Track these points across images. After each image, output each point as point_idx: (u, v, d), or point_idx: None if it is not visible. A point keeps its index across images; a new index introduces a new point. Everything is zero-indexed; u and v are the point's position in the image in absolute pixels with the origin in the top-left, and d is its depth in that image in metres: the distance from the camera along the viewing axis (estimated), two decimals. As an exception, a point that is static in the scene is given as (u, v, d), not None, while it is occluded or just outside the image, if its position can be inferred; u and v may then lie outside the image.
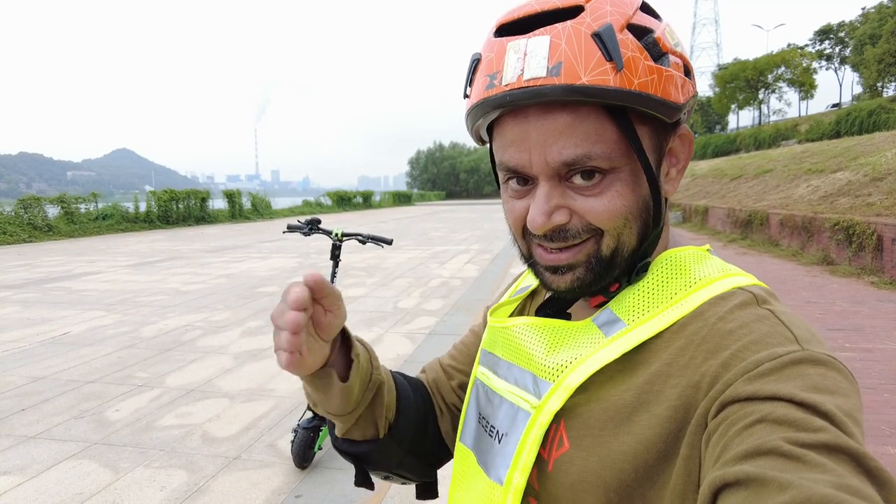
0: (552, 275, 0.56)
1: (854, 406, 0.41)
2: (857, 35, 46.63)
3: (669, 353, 0.51)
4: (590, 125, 0.50)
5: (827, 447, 0.37)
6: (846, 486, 0.34)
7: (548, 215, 0.52)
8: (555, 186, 0.53)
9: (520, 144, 0.52)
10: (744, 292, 0.52)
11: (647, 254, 0.57)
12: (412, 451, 0.72)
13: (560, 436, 0.54)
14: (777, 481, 0.35)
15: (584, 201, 0.52)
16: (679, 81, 0.52)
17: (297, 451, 2.94)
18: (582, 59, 0.48)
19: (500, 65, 0.51)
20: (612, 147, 0.51)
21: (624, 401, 0.51)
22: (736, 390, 0.43)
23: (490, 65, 0.52)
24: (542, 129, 0.50)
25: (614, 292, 0.58)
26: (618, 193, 0.52)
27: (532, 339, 0.60)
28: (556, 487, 0.54)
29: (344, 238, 3.22)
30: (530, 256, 0.58)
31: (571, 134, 0.50)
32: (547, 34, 0.49)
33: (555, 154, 0.50)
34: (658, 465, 0.48)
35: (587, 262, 0.54)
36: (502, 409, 0.61)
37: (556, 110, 0.50)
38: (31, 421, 3.68)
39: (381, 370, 0.67)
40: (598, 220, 0.53)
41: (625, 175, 0.52)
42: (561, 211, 0.53)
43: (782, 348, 0.45)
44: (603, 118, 0.50)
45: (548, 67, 0.48)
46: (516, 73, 0.50)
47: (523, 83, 0.49)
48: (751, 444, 0.38)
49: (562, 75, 0.48)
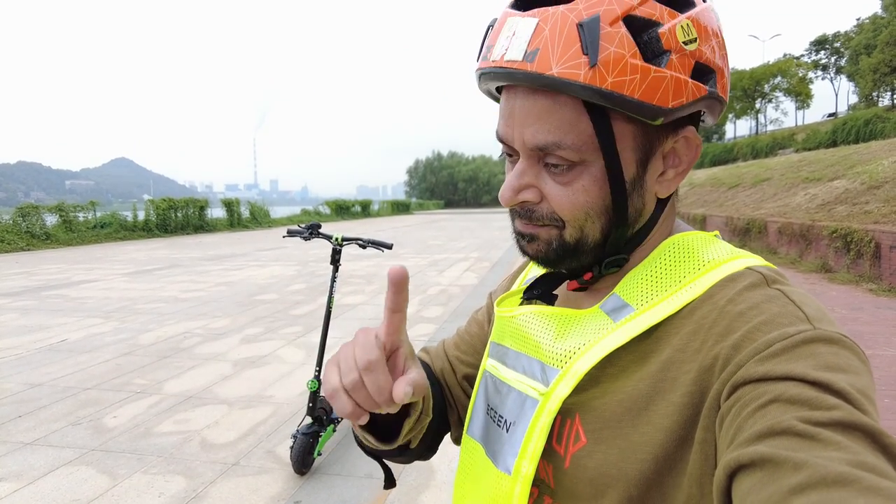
0: (522, 240, 0.58)
1: (867, 384, 0.41)
2: (853, 45, 47.00)
3: (680, 338, 0.50)
4: (566, 114, 0.50)
5: (841, 424, 0.36)
6: (862, 462, 0.34)
7: (515, 191, 0.54)
8: (532, 165, 0.54)
9: (507, 119, 0.54)
10: (753, 273, 0.51)
11: (620, 250, 0.57)
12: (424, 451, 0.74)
13: (576, 430, 0.54)
14: (792, 461, 0.35)
15: (554, 187, 0.53)
16: (673, 82, 0.48)
17: (296, 457, 2.92)
18: (558, 49, 0.47)
19: (495, 39, 0.52)
20: (585, 140, 0.50)
21: (639, 391, 0.51)
22: (748, 371, 0.43)
23: (493, 34, 0.54)
24: (524, 108, 0.51)
25: (589, 280, 0.59)
26: (583, 188, 0.52)
27: (539, 327, 0.59)
28: (575, 483, 0.53)
29: (344, 242, 3.22)
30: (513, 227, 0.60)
31: (547, 119, 0.50)
32: (537, 17, 0.49)
33: (529, 136, 0.51)
34: (676, 451, 0.47)
35: (549, 241, 0.56)
36: (510, 397, 0.60)
37: (538, 93, 0.50)
38: (29, 427, 3.66)
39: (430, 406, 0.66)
40: (560, 209, 0.53)
41: (595, 171, 0.52)
42: (531, 190, 0.54)
43: (793, 328, 0.44)
44: (580, 110, 0.49)
45: (525, 52, 0.48)
46: (501, 52, 0.51)
47: (503, 62, 0.50)
48: (764, 424, 0.38)
49: (535, 62, 0.48)
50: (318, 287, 9.23)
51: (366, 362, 0.50)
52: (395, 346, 0.53)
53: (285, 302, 8.01)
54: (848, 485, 0.32)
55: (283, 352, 5.41)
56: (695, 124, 0.55)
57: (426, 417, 0.64)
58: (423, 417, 0.64)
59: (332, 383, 0.51)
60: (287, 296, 8.52)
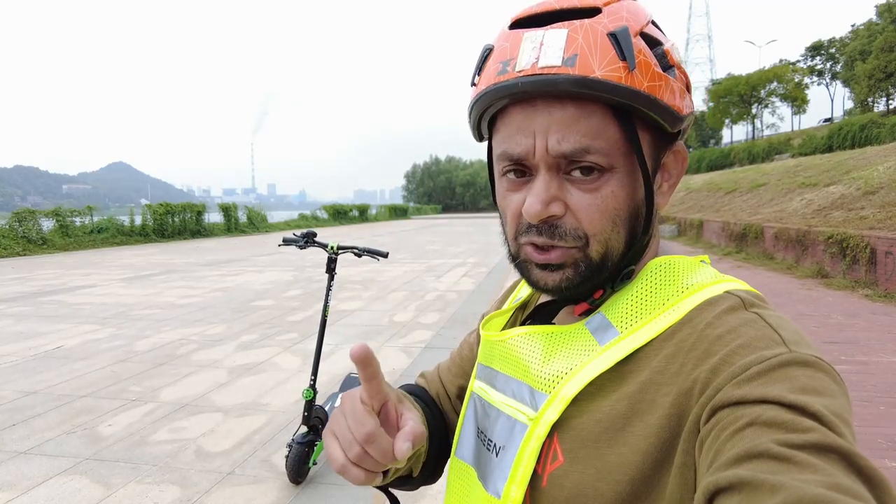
0: (542, 271, 0.56)
1: (842, 406, 0.41)
2: (848, 51, 47.25)
3: (660, 360, 0.50)
4: (594, 121, 0.51)
5: (816, 447, 0.37)
6: (837, 485, 0.34)
7: (545, 204, 0.52)
8: (553, 177, 0.53)
9: (524, 132, 0.52)
10: (731, 296, 0.52)
11: (633, 262, 0.58)
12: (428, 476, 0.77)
13: (554, 450, 0.54)
14: (769, 483, 0.35)
15: (581, 197, 0.53)
16: (682, 93, 0.55)
17: (292, 467, 2.91)
18: (597, 54, 0.49)
19: (515, 53, 0.52)
20: (613, 146, 0.52)
21: (617, 411, 0.51)
22: (726, 395, 0.43)
23: (504, 52, 0.53)
24: (547, 117, 0.51)
25: (598, 299, 0.58)
26: (612, 194, 0.52)
27: (527, 349, 0.60)
28: (551, 503, 0.53)
29: (339, 251, 3.22)
30: (518, 255, 0.58)
31: (575, 126, 0.51)
32: (565, 28, 0.50)
33: (555, 144, 0.51)
34: (653, 474, 0.47)
35: (575, 265, 0.54)
36: (499, 421, 0.60)
37: (563, 102, 0.51)
38: (23, 436, 3.64)
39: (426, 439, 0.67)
40: (589, 219, 0.53)
41: (621, 176, 0.53)
42: (557, 203, 0.53)
43: (769, 351, 0.45)
44: (607, 117, 0.51)
45: (563, 58, 0.49)
46: (531, 61, 0.50)
47: (537, 70, 0.50)
48: (742, 447, 0.39)
49: (576, 66, 0.49)
50: (314, 293, 9.22)
51: (364, 436, 0.49)
52: (381, 402, 0.53)
53: (282, 308, 8.00)
54: None
55: (279, 359, 5.39)
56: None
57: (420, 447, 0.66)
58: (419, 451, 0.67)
59: (339, 460, 0.51)
60: (283, 302, 8.51)
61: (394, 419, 0.53)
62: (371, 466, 0.51)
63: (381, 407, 0.53)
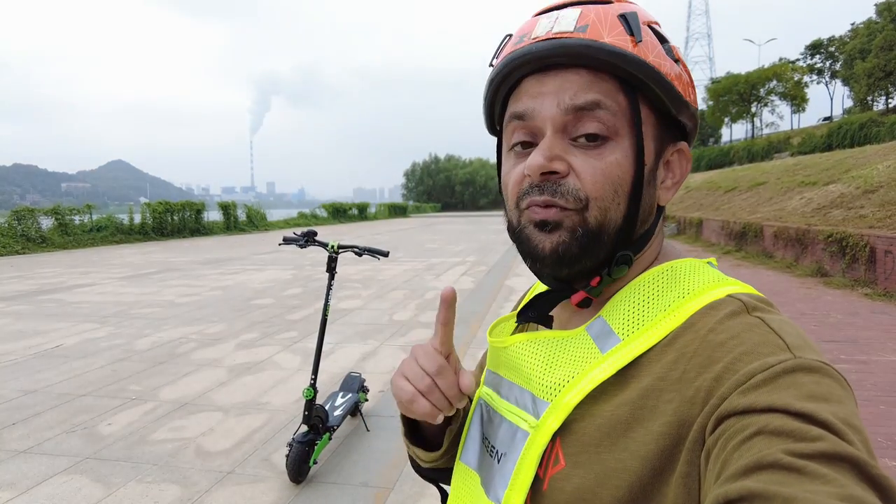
0: (539, 232, 0.55)
1: (850, 412, 0.41)
2: (847, 50, 47.22)
3: (661, 366, 0.50)
4: (603, 87, 0.54)
5: (826, 456, 0.36)
6: (849, 496, 0.34)
7: (548, 159, 0.54)
8: (559, 139, 0.54)
9: (536, 96, 0.55)
10: (733, 300, 0.52)
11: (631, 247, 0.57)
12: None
13: (556, 454, 0.54)
14: (780, 496, 0.35)
15: (585, 160, 0.54)
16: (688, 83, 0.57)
17: (292, 466, 2.91)
18: (607, 26, 0.53)
19: (531, 28, 0.56)
20: (621, 110, 0.54)
21: (618, 417, 0.51)
22: (731, 404, 0.43)
23: (522, 31, 0.58)
24: (560, 81, 0.54)
25: (596, 287, 0.58)
26: (616, 162, 0.54)
27: (529, 356, 0.60)
28: None
29: (340, 250, 3.22)
30: (520, 223, 0.57)
31: (588, 87, 0.54)
32: (579, 7, 0.55)
33: (568, 99, 0.54)
34: (653, 482, 0.47)
35: (572, 229, 0.54)
36: (502, 428, 0.61)
37: (577, 68, 0.54)
38: (22, 435, 3.64)
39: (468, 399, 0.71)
40: (592, 181, 0.53)
41: (626, 147, 0.54)
42: (560, 161, 0.54)
43: (774, 357, 0.44)
44: (616, 87, 0.54)
45: (576, 25, 0.54)
46: (546, 30, 0.55)
47: (552, 35, 0.54)
48: (750, 458, 0.38)
49: (587, 32, 0.53)
50: (314, 291, 9.22)
51: (436, 368, 0.59)
52: (447, 353, 0.61)
53: (281, 307, 7.99)
54: None
55: (279, 357, 5.39)
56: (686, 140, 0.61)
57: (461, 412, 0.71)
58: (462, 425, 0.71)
59: (408, 390, 0.59)
60: (283, 300, 8.51)
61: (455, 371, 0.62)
62: (437, 401, 0.59)
63: (446, 358, 0.61)
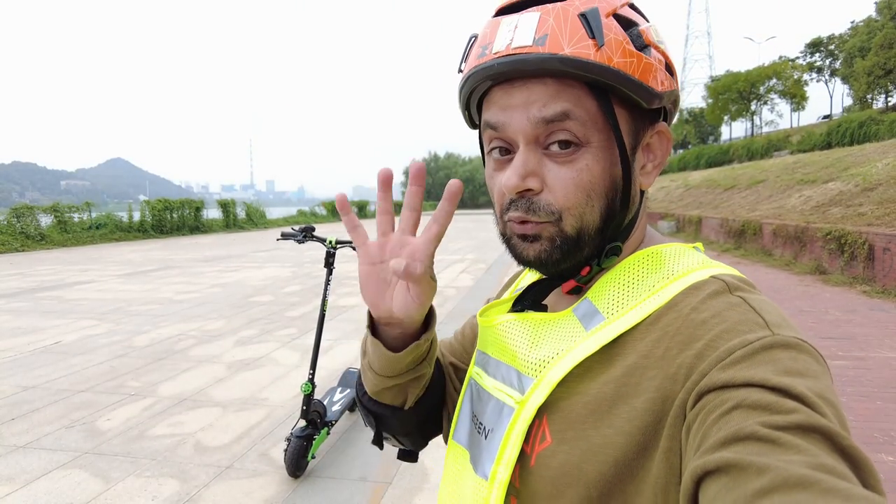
0: (523, 243, 0.57)
1: (825, 387, 0.42)
2: (847, 48, 47.17)
3: (645, 344, 0.51)
4: (571, 94, 0.53)
5: (801, 428, 0.38)
6: (821, 465, 0.35)
7: (522, 177, 0.54)
8: (532, 151, 0.55)
9: (505, 108, 0.55)
10: (716, 281, 0.53)
11: (617, 237, 0.58)
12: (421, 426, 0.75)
13: (543, 430, 0.55)
14: (755, 465, 0.36)
15: (557, 171, 0.54)
16: (659, 73, 0.55)
17: (290, 460, 2.92)
18: (567, 33, 0.51)
19: (493, 37, 0.55)
20: (590, 118, 0.53)
21: (604, 394, 0.52)
22: (711, 379, 0.44)
23: (484, 38, 0.56)
24: (527, 93, 0.53)
25: (586, 276, 0.59)
26: (587, 167, 0.54)
27: (516, 335, 0.61)
28: (537, 482, 0.54)
29: (338, 245, 3.23)
30: (506, 233, 0.60)
31: (555, 97, 0.53)
32: (538, 11, 0.53)
33: (536, 112, 0.53)
34: (637, 458, 0.48)
35: (551, 239, 0.56)
36: (490, 405, 0.62)
37: (542, 79, 0.53)
38: (21, 430, 3.65)
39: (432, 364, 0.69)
40: (563, 193, 0.54)
41: (597, 151, 0.54)
42: (534, 178, 0.55)
43: (753, 334, 0.46)
44: (584, 92, 0.53)
45: (534, 38, 0.51)
46: (505, 43, 0.53)
47: (511, 50, 0.52)
48: (728, 430, 0.39)
49: (546, 45, 0.51)
50: (313, 288, 9.22)
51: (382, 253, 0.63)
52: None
53: (280, 304, 8.00)
54: (808, 487, 0.34)
55: (277, 354, 5.40)
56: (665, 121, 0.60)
57: (427, 367, 0.67)
58: (425, 366, 0.66)
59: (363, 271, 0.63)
60: (282, 297, 8.51)
61: None
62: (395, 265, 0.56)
63: None
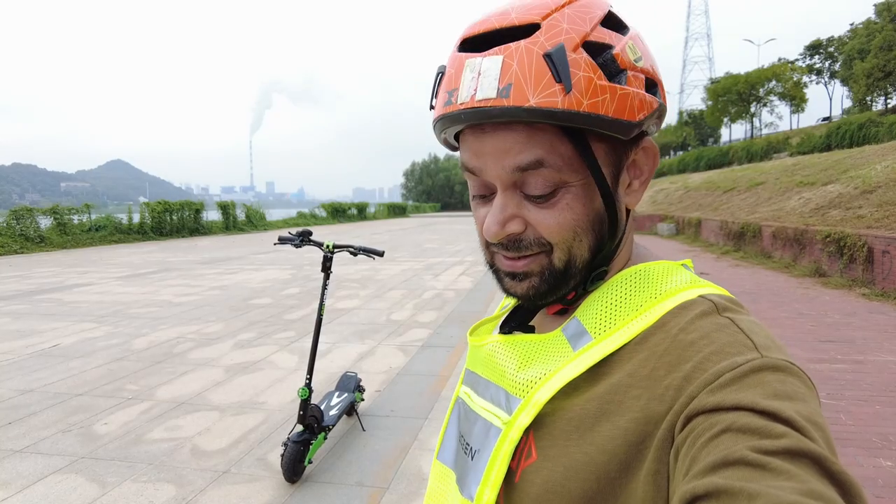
0: (511, 280, 0.57)
1: (813, 410, 0.42)
2: (846, 50, 47.21)
3: (632, 364, 0.51)
4: (544, 139, 0.51)
5: (790, 453, 0.38)
6: (811, 491, 0.35)
7: (501, 224, 0.54)
8: (511, 196, 0.54)
9: (478, 155, 0.54)
10: (704, 301, 0.52)
11: (604, 263, 0.58)
12: None
13: (529, 447, 0.55)
14: (746, 491, 0.36)
15: (538, 212, 0.54)
16: (636, 99, 0.52)
17: (287, 465, 2.91)
18: (531, 80, 0.48)
19: (458, 82, 0.52)
20: (565, 162, 0.52)
21: (587, 411, 0.51)
22: (700, 402, 0.44)
23: (450, 80, 0.54)
24: (498, 140, 0.52)
25: (572, 300, 0.59)
26: (568, 206, 0.53)
27: (505, 355, 0.61)
28: (521, 498, 0.54)
29: (335, 250, 3.22)
30: (493, 263, 0.60)
31: (526, 145, 0.51)
32: (500, 54, 0.50)
33: (509, 161, 0.52)
34: (620, 477, 0.48)
35: (541, 273, 0.55)
36: (477, 425, 0.61)
37: (514, 126, 0.51)
38: (18, 434, 3.64)
39: None
40: (548, 232, 0.54)
41: (577, 190, 0.53)
42: (516, 220, 0.54)
43: (741, 357, 0.45)
44: (558, 135, 0.51)
45: (498, 88, 0.49)
46: (470, 93, 0.51)
47: (475, 103, 0.50)
48: (718, 455, 0.39)
49: (511, 97, 0.49)
50: (312, 291, 9.22)
51: None
52: None
53: (279, 306, 7.99)
54: None
55: (275, 357, 5.39)
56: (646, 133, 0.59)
57: None
58: None
59: None
60: (281, 300, 8.51)
61: None
62: None
63: None
